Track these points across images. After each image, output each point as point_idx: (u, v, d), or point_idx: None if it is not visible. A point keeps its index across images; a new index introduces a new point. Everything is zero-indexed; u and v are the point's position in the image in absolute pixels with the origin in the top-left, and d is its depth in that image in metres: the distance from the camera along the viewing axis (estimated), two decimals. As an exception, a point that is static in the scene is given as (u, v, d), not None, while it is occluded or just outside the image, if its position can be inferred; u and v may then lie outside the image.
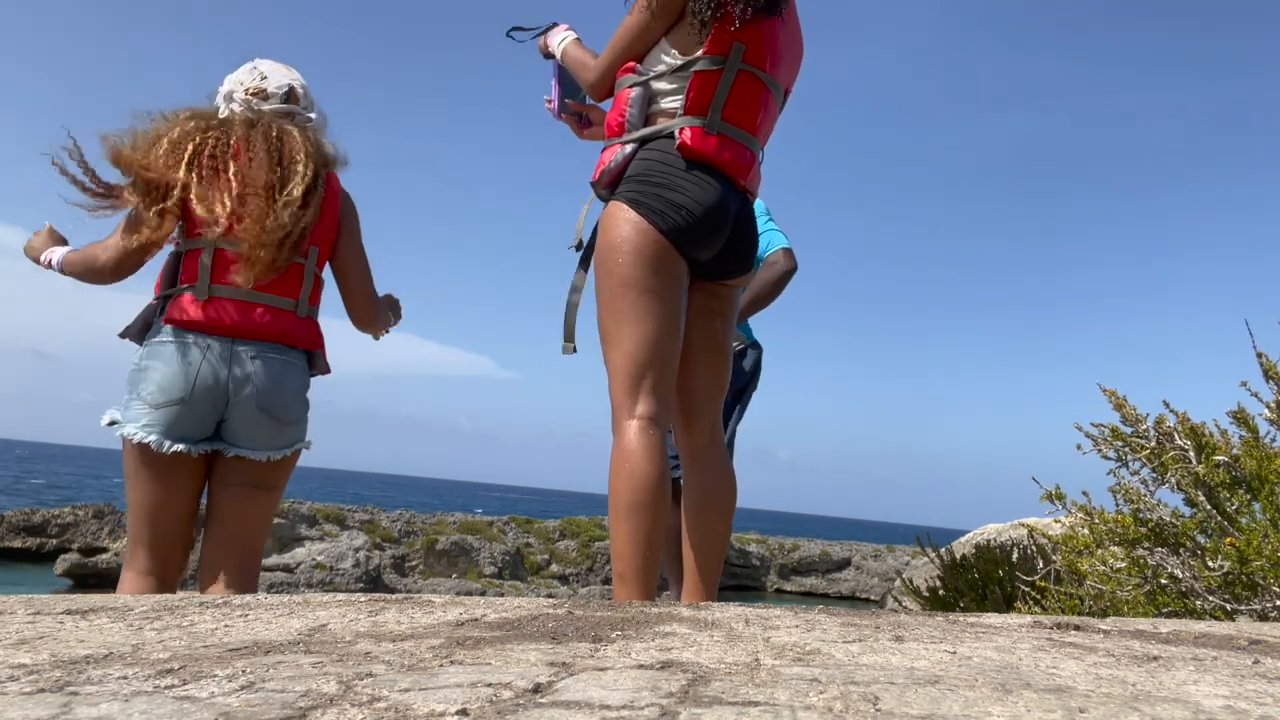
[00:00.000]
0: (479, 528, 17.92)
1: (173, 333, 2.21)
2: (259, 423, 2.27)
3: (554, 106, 2.29)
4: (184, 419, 2.19)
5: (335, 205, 2.45)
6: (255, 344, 2.27)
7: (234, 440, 2.28)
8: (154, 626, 1.17)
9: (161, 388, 2.17)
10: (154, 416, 2.17)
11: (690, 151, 1.89)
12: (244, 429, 2.26)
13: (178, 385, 2.18)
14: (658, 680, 0.84)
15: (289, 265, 2.31)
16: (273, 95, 2.42)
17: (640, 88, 1.95)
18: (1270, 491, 2.10)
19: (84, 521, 16.65)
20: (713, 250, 1.95)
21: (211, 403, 2.21)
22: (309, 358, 2.42)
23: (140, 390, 2.19)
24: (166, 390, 2.17)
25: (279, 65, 2.48)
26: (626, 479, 1.80)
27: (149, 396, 2.17)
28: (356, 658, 0.95)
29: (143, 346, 2.24)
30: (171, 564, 2.25)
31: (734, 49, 1.89)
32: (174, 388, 2.17)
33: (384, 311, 2.59)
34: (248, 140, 2.30)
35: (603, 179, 1.97)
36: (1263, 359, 2.29)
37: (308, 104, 2.49)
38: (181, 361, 2.18)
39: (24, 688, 0.82)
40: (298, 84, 2.47)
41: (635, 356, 1.86)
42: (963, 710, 0.74)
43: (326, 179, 2.43)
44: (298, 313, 2.35)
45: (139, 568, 2.22)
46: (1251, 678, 0.93)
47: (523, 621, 1.20)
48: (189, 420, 2.20)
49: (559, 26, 2.23)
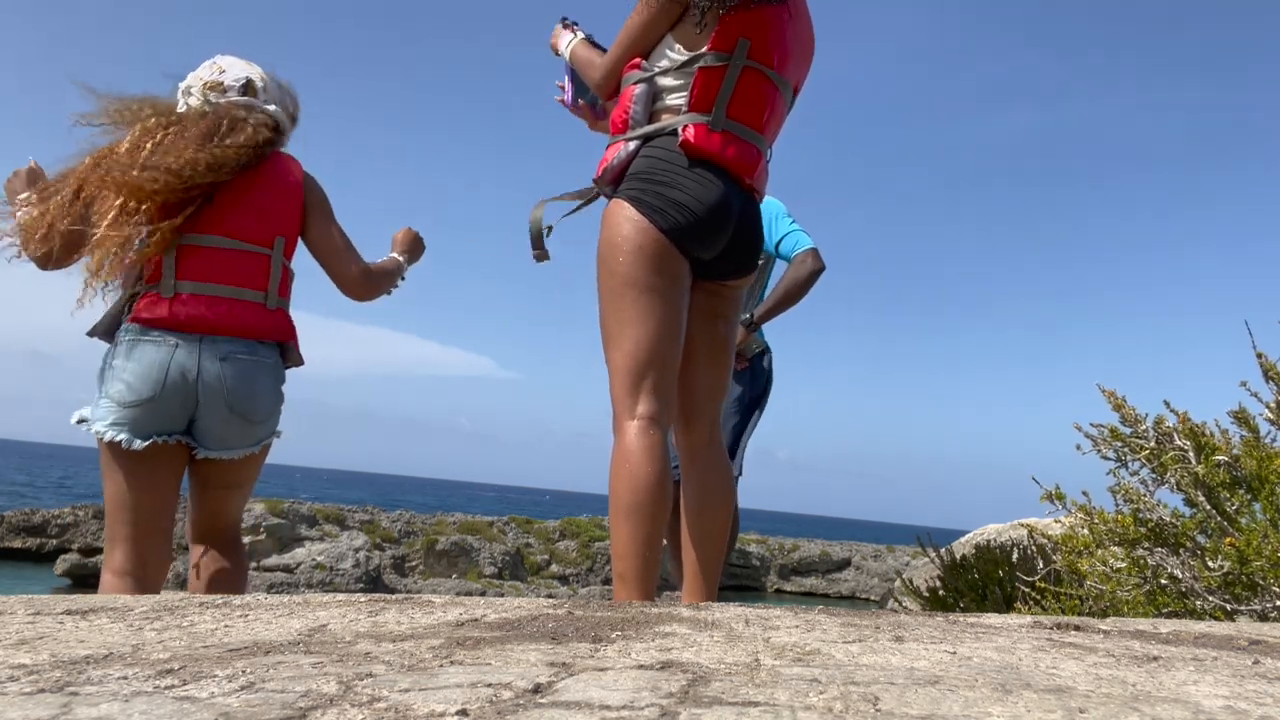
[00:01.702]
0: (479, 528, 17.91)
1: (139, 331, 2.21)
2: (230, 423, 2.28)
3: (567, 98, 2.28)
4: (153, 417, 2.20)
5: (298, 192, 2.44)
6: (223, 341, 2.26)
7: (204, 441, 2.28)
8: (154, 627, 1.17)
9: (130, 386, 2.17)
10: (122, 415, 2.17)
11: (693, 149, 1.88)
12: (215, 429, 2.27)
13: (146, 384, 2.18)
14: (658, 680, 0.84)
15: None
16: (230, 88, 2.42)
17: (645, 84, 1.94)
18: (1270, 491, 2.10)
19: (84, 521, 16.65)
20: (715, 249, 1.94)
21: (180, 401, 2.22)
22: (281, 350, 2.41)
23: (108, 389, 2.19)
24: (135, 389, 2.17)
25: (239, 60, 2.48)
26: (627, 479, 1.79)
27: (117, 395, 2.18)
28: (356, 658, 0.95)
29: (112, 345, 2.24)
30: (152, 563, 2.23)
31: (739, 45, 1.88)
32: (142, 387, 2.17)
33: (378, 280, 2.56)
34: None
35: (606, 175, 1.96)
36: (1263, 359, 2.29)
37: (269, 96, 2.48)
38: (148, 360, 2.18)
39: (24, 688, 0.81)
40: (257, 77, 2.46)
41: (636, 356, 1.85)
42: (963, 710, 0.74)
43: (286, 166, 2.43)
44: (267, 304, 2.34)
45: (116, 567, 2.20)
46: (1251, 678, 0.93)
47: (523, 622, 1.20)
48: (158, 418, 2.20)
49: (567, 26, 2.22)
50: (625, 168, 1.93)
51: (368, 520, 17.16)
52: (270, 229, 2.37)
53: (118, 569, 2.20)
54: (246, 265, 2.31)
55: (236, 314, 2.28)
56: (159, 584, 2.27)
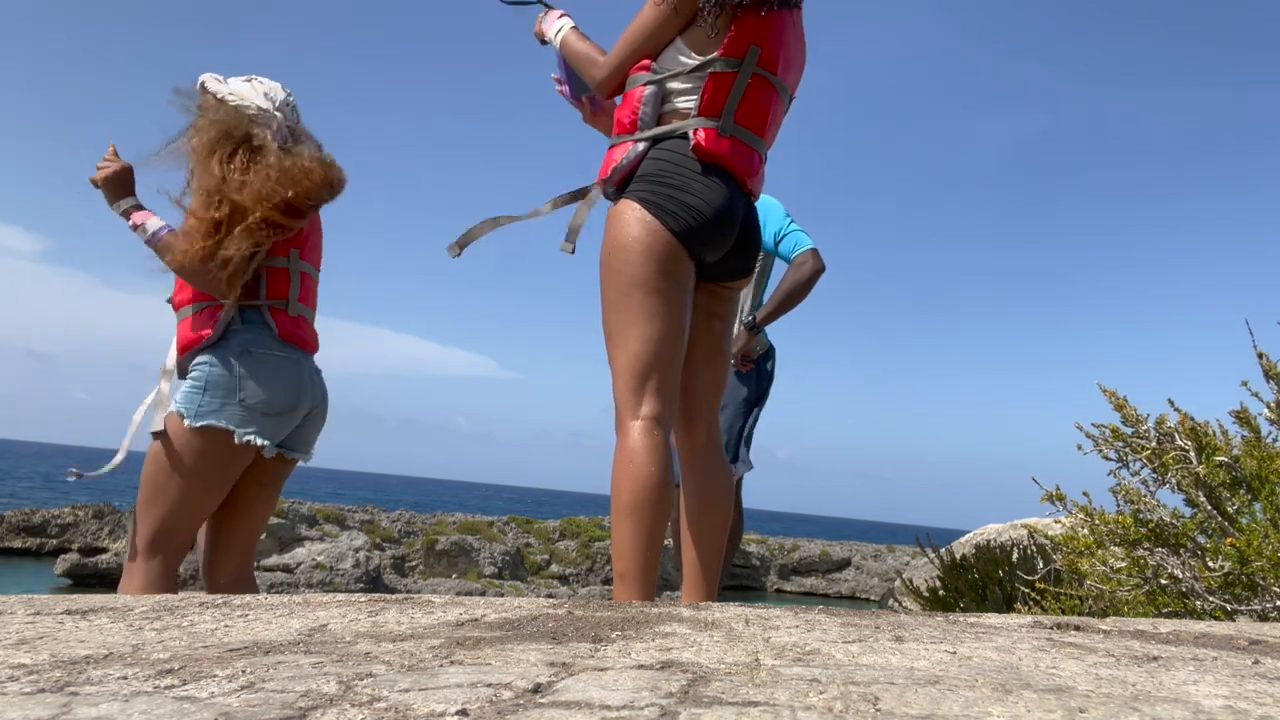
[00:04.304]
0: (479, 528, 17.91)
1: (277, 345, 2.36)
2: (318, 429, 2.52)
3: (567, 90, 2.24)
4: (283, 426, 2.36)
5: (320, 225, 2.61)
6: (312, 357, 2.50)
7: (294, 445, 2.46)
8: (154, 627, 1.17)
9: (275, 396, 2.32)
10: (264, 423, 2.30)
11: (705, 153, 1.89)
12: (308, 435, 2.49)
13: (290, 395, 2.35)
14: (658, 680, 0.84)
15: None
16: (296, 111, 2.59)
17: (655, 86, 1.93)
18: (1271, 491, 2.10)
19: (84, 521, 16.65)
20: (720, 252, 1.95)
21: (303, 412, 2.40)
22: None
23: (244, 396, 2.29)
24: (280, 399, 2.34)
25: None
26: (630, 479, 1.80)
27: (258, 403, 2.29)
28: (356, 658, 0.95)
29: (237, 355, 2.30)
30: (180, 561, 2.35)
31: (749, 52, 1.88)
32: (287, 397, 2.35)
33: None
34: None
35: (613, 176, 1.95)
36: (1263, 359, 2.29)
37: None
38: (290, 374, 2.36)
39: (24, 688, 0.81)
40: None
41: (641, 356, 1.86)
42: (963, 710, 0.74)
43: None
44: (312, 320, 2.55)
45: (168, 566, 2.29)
46: (1251, 678, 0.93)
47: (523, 621, 1.20)
48: (285, 428, 2.37)
49: (554, 11, 2.16)
50: (634, 169, 1.92)
51: (368, 520, 17.16)
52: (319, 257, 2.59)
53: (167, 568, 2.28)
54: (315, 291, 2.56)
55: (315, 335, 2.53)
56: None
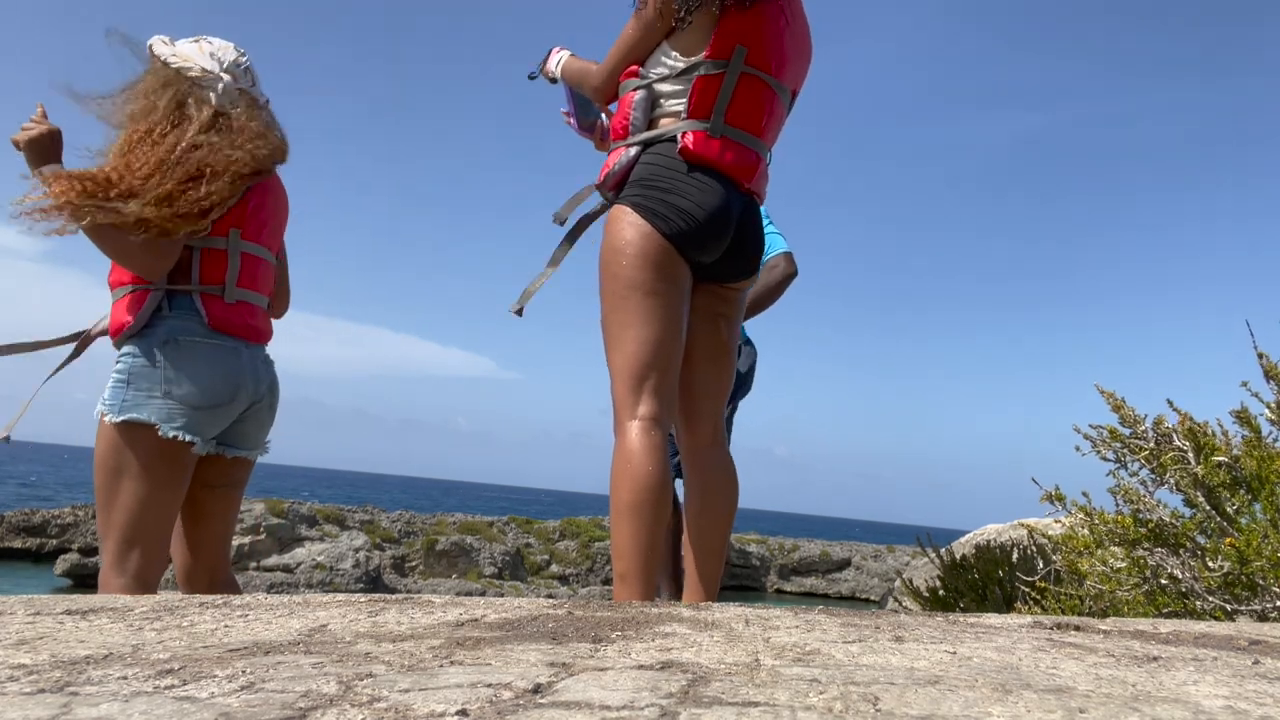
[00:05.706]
0: (479, 528, 17.92)
1: (207, 333, 2.16)
2: (265, 425, 2.33)
3: (574, 122, 2.31)
4: (217, 421, 2.18)
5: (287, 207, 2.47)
6: (258, 347, 2.30)
7: (236, 442, 2.28)
8: (154, 627, 1.17)
9: (204, 389, 2.13)
10: (192, 417, 2.12)
11: (692, 155, 1.91)
12: (253, 431, 2.30)
13: (223, 388, 2.16)
14: (658, 680, 0.84)
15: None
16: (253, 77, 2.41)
17: (644, 90, 1.96)
18: (1270, 492, 2.10)
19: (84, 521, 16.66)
20: (715, 253, 1.96)
21: (240, 406, 2.22)
22: None
23: (173, 389, 2.11)
24: (210, 392, 2.14)
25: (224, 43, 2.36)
26: (628, 479, 1.80)
27: (187, 397, 2.11)
28: (356, 658, 0.95)
29: (161, 344, 2.12)
30: (159, 568, 2.19)
31: (735, 52, 1.90)
32: (218, 391, 2.15)
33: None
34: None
35: (608, 181, 1.99)
36: (1263, 359, 2.29)
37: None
38: (224, 365, 2.16)
39: (24, 688, 0.81)
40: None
41: (639, 358, 1.87)
42: (963, 710, 0.74)
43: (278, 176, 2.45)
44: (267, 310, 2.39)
45: (134, 572, 2.12)
46: (1251, 678, 0.93)
47: (523, 622, 1.20)
48: (219, 422, 2.19)
49: (554, 49, 2.26)
50: (627, 173, 1.96)
51: (368, 520, 17.17)
52: (277, 241, 2.41)
53: (136, 573, 2.12)
54: (268, 275, 2.36)
55: (265, 322, 2.34)
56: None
